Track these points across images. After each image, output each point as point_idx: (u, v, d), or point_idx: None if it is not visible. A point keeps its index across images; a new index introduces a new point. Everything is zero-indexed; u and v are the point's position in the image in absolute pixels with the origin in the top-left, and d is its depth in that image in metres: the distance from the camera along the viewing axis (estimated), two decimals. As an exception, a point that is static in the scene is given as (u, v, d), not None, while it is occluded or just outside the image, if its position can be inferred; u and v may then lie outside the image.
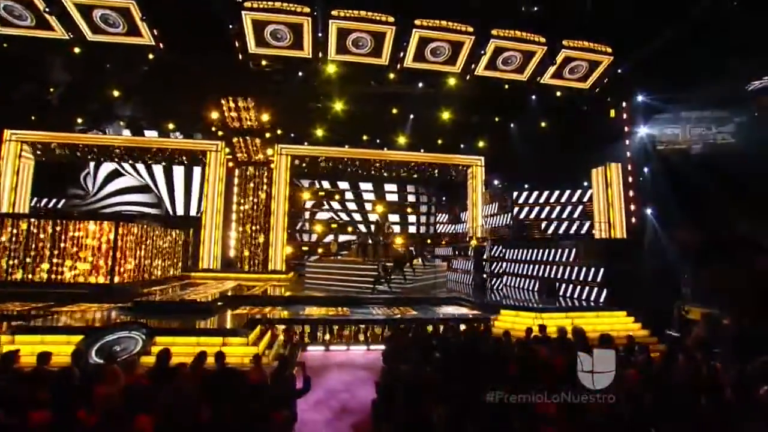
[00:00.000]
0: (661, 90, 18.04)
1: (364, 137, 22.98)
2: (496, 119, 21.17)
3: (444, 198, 29.34)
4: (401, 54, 14.85)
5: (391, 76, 16.51)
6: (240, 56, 16.27)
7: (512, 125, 21.19)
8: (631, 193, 17.81)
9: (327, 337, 10.92)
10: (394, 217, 27.56)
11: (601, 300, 14.33)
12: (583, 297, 14.99)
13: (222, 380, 5.19)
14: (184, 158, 22.37)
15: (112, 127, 21.97)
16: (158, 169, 24.21)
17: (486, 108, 20.60)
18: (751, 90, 17.68)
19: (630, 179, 17.89)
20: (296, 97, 18.60)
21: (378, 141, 23.21)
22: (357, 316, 11.61)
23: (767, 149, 15.32)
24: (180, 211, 24.31)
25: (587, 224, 19.16)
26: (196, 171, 23.86)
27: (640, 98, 18.35)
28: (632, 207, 17.73)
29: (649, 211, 17.97)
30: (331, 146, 22.76)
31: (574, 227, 19.47)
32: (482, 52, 14.29)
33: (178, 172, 24.31)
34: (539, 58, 15.05)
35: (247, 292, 14.91)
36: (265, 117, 20.28)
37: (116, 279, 13.96)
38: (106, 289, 13.52)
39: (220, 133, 21.09)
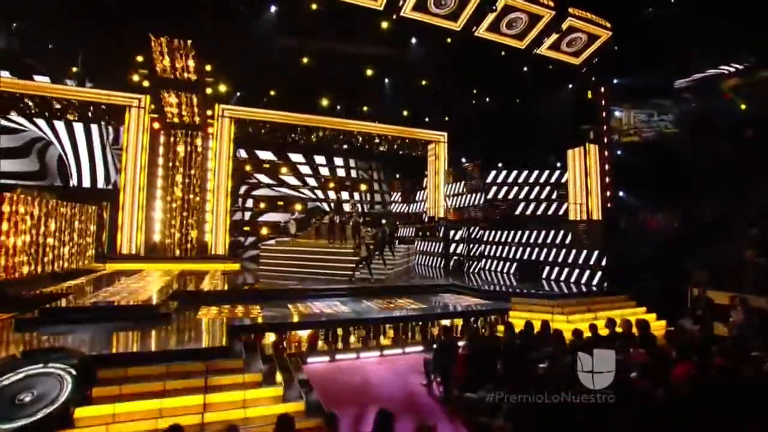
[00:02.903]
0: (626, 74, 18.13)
1: (324, 102, 20.06)
2: (473, 92, 19.71)
3: (397, 175, 27.59)
4: (401, 1, 12.42)
5: (384, 25, 13.93)
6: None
7: (488, 100, 19.92)
8: (606, 176, 17.68)
9: (330, 340, 8.54)
10: (346, 195, 25.13)
11: (594, 284, 13.85)
12: (572, 281, 14.41)
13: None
14: (91, 114, 17.42)
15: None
16: (43, 124, 18.64)
17: (457, 79, 18.98)
18: (677, 87, 18.46)
19: (606, 161, 17.73)
20: (252, 44, 15.10)
21: (338, 108, 20.44)
22: (355, 315, 9.38)
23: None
24: (85, 182, 19.25)
25: (554, 205, 18.84)
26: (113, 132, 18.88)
27: (615, 81, 18.19)
28: (608, 189, 17.64)
29: (621, 193, 18.08)
30: (285, 111, 19.49)
31: (545, 208, 19.02)
32: (493, 7, 12.48)
33: (86, 131, 19.09)
34: (545, 23, 13.69)
35: (195, 287, 11.70)
36: (208, 68, 16.40)
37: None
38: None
39: (145, 83, 16.64)
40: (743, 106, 16.10)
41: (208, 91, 17.47)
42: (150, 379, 5.42)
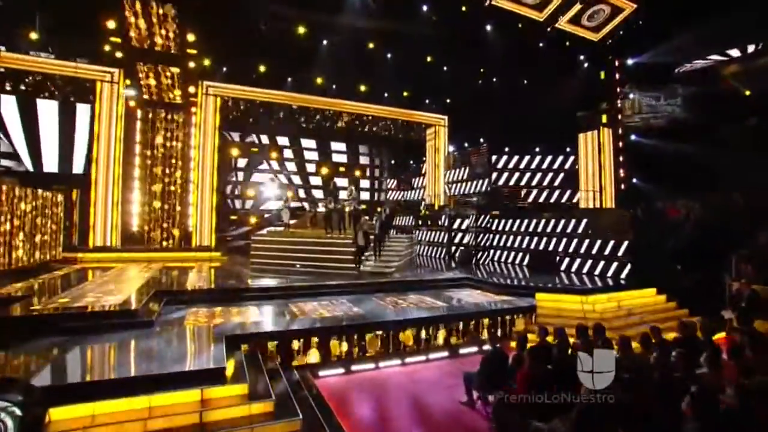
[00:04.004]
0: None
1: (318, 80, 18.47)
2: (481, 70, 18.38)
3: (393, 161, 26.26)
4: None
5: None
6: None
7: (494, 80, 18.64)
8: (621, 161, 16.74)
9: (343, 348, 7.29)
10: (341, 181, 23.66)
11: (618, 276, 12.82)
12: (593, 272, 13.36)
13: None
14: (57, 90, 15.49)
15: None
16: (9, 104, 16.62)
17: (465, 56, 17.63)
18: (679, 72, 17.59)
19: (621, 146, 16.78)
20: (240, 12, 13.44)
21: (334, 87, 18.88)
22: (371, 317, 8.15)
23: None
24: (52, 167, 17.27)
25: (565, 192, 17.87)
26: (81, 110, 16.87)
27: (632, 60, 17.16)
28: (623, 175, 16.72)
29: (634, 180, 17.20)
30: (275, 89, 17.86)
31: (558, 196, 18.03)
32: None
33: (49, 109, 17.05)
34: (571, -11, 12.50)
35: (180, 284, 10.25)
36: (190, 37, 14.65)
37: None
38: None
39: (118, 54, 14.78)
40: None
41: (191, 64, 15.69)
42: (125, 421, 4.05)
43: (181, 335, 6.40)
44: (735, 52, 16.49)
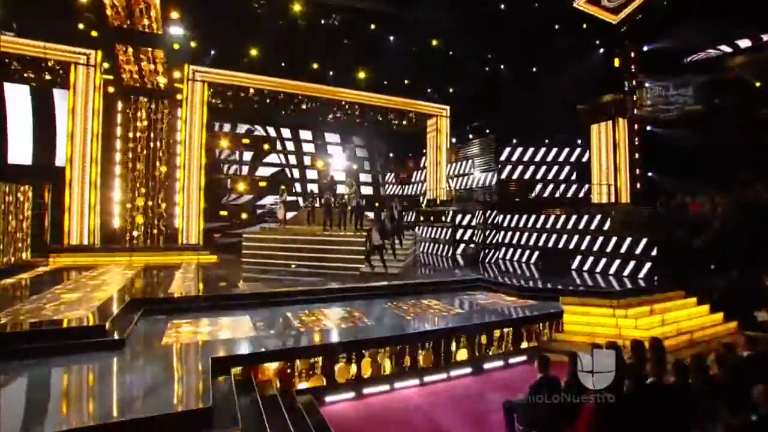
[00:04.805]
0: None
1: (314, 66, 17.25)
2: (488, 56, 17.30)
3: (391, 154, 25.16)
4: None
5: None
6: None
7: (502, 67, 17.58)
8: (637, 153, 15.82)
9: (352, 369, 6.21)
10: (338, 175, 22.48)
11: (640, 276, 11.84)
12: (611, 272, 12.38)
13: None
14: (27, 74, 14.10)
15: None
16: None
17: (473, 41, 16.53)
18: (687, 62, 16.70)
19: (637, 137, 15.85)
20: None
21: (331, 74, 17.67)
22: (384, 329, 7.09)
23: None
24: (24, 158, 15.85)
25: (574, 187, 16.90)
26: (59, 96, 15.47)
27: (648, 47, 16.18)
28: (637, 168, 15.80)
29: (650, 173, 16.29)
30: (268, 76, 16.59)
31: (564, 190, 17.06)
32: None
33: (18, 94, 15.62)
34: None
35: (162, 291, 9.08)
36: (174, 14, 13.34)
37: None
38: None
39: (93, 34, 13.42)
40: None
41: (175, 46, 14.38)
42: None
43: (156, 358, 5.26)
44: (745, 42, 15.67)
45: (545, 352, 6.09)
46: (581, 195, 16.39)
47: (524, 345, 7.86)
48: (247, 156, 20.31)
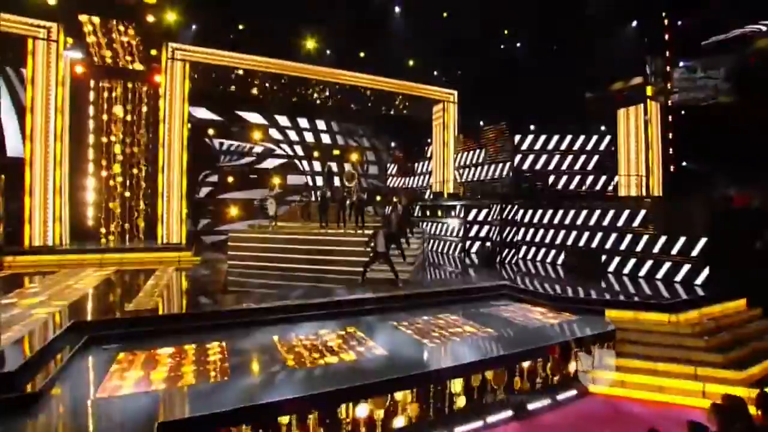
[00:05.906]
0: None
1: (309, 45, 15.46)
2: (505, 32, 15.53)
3: (393, 143, 23.46)
4: None
5: None
6: None
7: (518, 45, 15.81)
8: (670, 139, 14.17)
9: (359, 415, 4.59)
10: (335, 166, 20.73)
11: (697, 282, 10.09)
12: (658, 276, 10.59)
13: None
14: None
15: None
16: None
17: (485, 16, 14.79)
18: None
19: (670, 122, 14.19)
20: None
21: (329, 53, 15.87)
22: (399, 361, 5.46)
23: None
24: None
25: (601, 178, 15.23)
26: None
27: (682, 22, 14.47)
28: (671, 159, 14.16)
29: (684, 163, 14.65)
30: (257, 55, 14.79)
31: (592, 182, 15.37)
32: None
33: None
34: None
35: (116, 305, 7.40)
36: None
37: None
38: None
39: (51, 2, 11.59)
40: None
41: (150, 19, 12.58)
42: None
43: (79, 427, 3.62)
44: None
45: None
46: (609, 187, 14.74)
47: (570, 370, 6.27)
48: (236, 146, 18.51)
